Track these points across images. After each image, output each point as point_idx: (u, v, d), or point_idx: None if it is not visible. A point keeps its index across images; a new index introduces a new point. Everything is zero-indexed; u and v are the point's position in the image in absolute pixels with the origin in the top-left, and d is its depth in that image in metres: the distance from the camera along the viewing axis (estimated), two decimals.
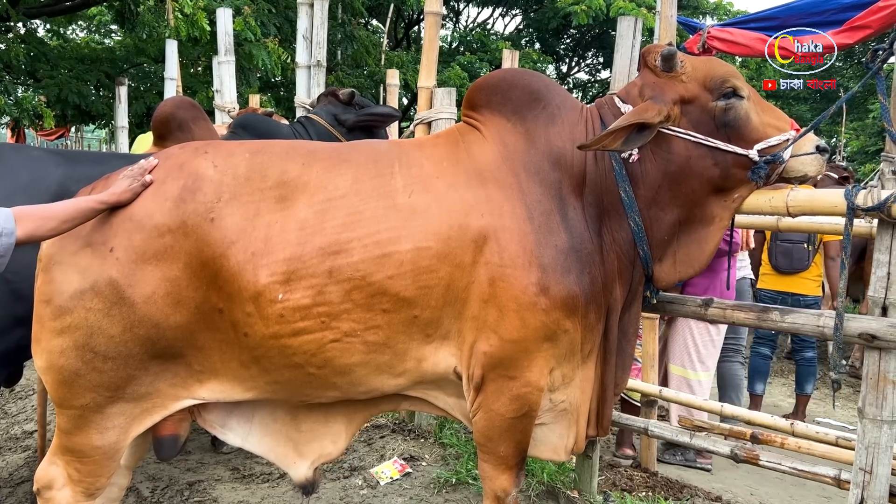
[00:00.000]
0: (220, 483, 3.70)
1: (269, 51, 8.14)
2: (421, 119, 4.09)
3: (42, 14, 9.87)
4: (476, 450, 3.85)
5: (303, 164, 2.23)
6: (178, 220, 2.11)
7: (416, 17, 17.87)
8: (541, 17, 16.29)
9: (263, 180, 2.19)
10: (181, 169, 2.20)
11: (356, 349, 2.16)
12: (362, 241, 2.12)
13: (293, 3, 9.79)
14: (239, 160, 2.23)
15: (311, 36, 5.03)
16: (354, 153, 2.33)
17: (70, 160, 3.02)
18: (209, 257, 2.10)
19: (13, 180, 2.68)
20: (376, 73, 12.71)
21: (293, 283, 2.09)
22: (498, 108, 2.38)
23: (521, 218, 2.20)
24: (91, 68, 8.88)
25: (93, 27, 15.00)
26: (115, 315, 2.09)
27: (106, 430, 2.21)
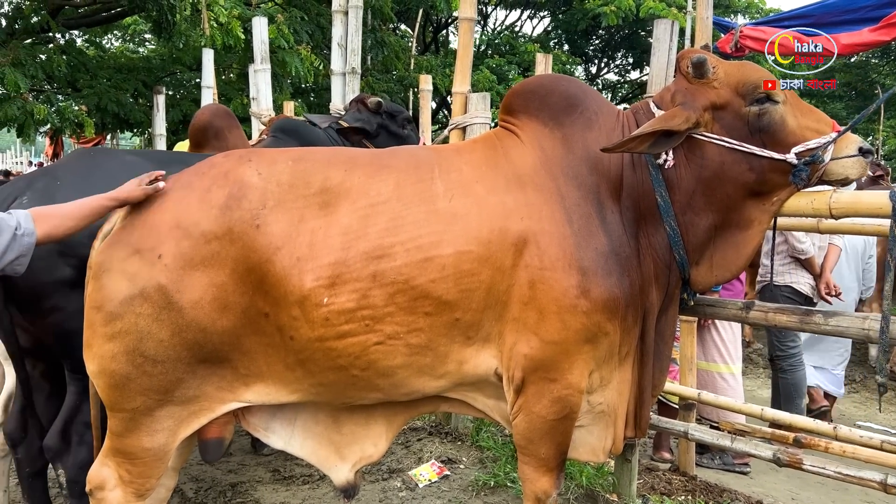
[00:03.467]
0: (261, 484, 3.76)
1: (301, 58, 8.24)
2: (456, 124, 4.12)
3: (81, 25, 10.12)
4: (514, 453, 3.88)
5: (345, 171, 2.27)
6: (225, 227, 2.16)
7: (445, 21, 17.95)
8: (569, 19, 16.24)
9: (307, 187, 2.23)
10: (226, 177, 2.24)
11: (399, 351, 2.20)
12: (405, 246, 2.16)
13: (324, 11, 9.92)
14: (282, 168, 2.27)
15: (345, 43, 5.09)
16: (395, 159, 2.37)
17: (161, 162, 3.06)
18: (255, 263, 2.15)
19: (113, 183, 2.72)
20: (405, 78, 12.80)
21: (338, 287, 2.13)
22: (535, 114, 2.40)
23: (560, 221, 2.23)
24: (128, 77, 9.08)
25: (127, 37, 15.28)
26: (164, 320, 2.14)
27: (155, 433, 2.26)
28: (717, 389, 4.05)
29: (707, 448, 4.18)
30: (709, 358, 4.21)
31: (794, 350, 4.62)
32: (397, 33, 15.28)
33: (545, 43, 17.36)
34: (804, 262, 4.58)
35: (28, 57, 6.79)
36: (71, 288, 2.58)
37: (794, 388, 4.61)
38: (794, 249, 4.55)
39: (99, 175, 2.78)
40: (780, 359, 4.66)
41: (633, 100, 18.37)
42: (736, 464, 4.21)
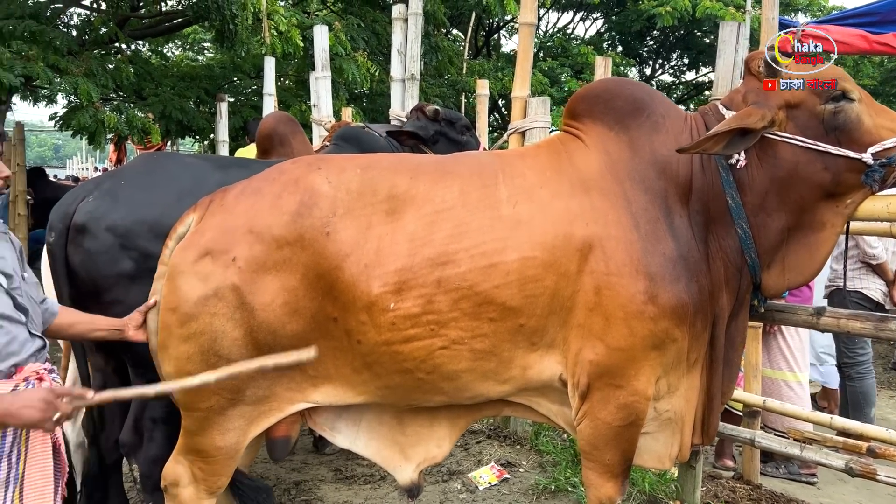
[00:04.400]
0: (323, 483, 3.84)
1: (358, 64, 8.37)
2: (515, 128, 4.14)
3: (145, 36, 10.47)
4: (574, 457, 3.87)
5: (410, 178, 2.30)
6: (296, 234, 2.20)
7: (497, 25, 17.96)
8: (623, 20, 16.06)
9: (374, 194, 2.26)
10: (297, 184, 2.28)
11: (463, 356, 2.22)
12: (469, 252, 2.18)
13: (380, 17, 10.06)
14: (351, 175, 2.30)
15: (405, 50, 5.16)
16: (458, 166, 2.39)
17: (220, 166, 3.19)
18: (325, 269, 2.19)
19: (178, 186, 2.83)
20: (458, 82, 12.85)
21: (404, 292, 2.16)
22: (600, 118, 2.39)
23: (627, 226, 2.21)
24: (191, 85, 9.36)
25: (186, 45, 15.72)
26: (237, 319, 2.20)
27: (227, 432, 2.32)
28: (782, 398, 3.96)
29: (771, 456, 4.10)
30: (774, 365, 4.12)
31: (864, 358, 4.50)
32: (449, 38, 15.35)
33: (598, 45, 17.19)
34: (876, 268, 4.46)
35: (99, 67, 7.05)
36: (131, 281, 2.69)
37: (862, 396, 4.48)
38: (865, 254, 4.43)
39: (160, 175, 2.89)
40: (848, 366, 4.54)
41: (688, 101, 18.07)
42: (802, 473, 4.12)
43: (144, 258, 2.68)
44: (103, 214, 2.69)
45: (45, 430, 1.90)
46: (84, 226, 2.69)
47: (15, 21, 6.88)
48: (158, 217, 2.71)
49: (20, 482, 1.95)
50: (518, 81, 4.17)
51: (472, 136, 4.48)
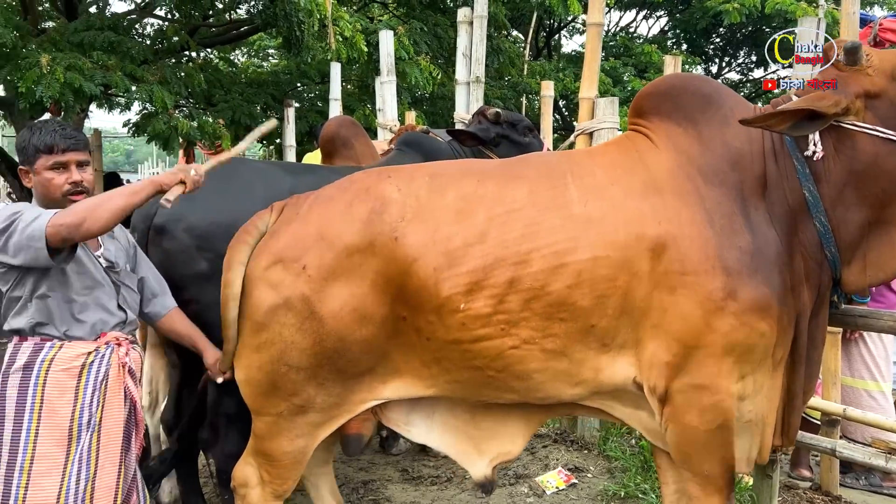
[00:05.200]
0: (390, 483, 3.88)
1: (420, 68, 8.43)
2: (582, 129, 4.10)
3: (214, 44, 10.78)
4: (645, 463, 3.81)
5: (478, 181, 2.31)
6: (367, 241, 2.23)
7: (558, 25, 17.84)
8: (688, 18, 15.75)
9: (442, 198, 2.28)
10: (368, 192, 2.32)
11: (534, 356, 2.21)
12: (540, 252, 2.16)
13: (441, 21, 10.11)
14: (420, 183, 2.33)
15: (469, 53, 5.18)
16: (526, 168, 2.39)
17: (291, 171, 3.32)
18: (394, 274, 2.21)
19: (252, 190, 2.94)
20: (519, 84, 12.83)
21: (474, 293, 2.17)
22: (668, 115, 2.35)
23: (700, 223, 2.16)
24: (258, 91, 9.59)
25: (252, 52, 16.11)
26: (306, 329, 2.23)
27: (295, 437, 2.38)
28: (862, 407, 3.81)
29: (850, 467, 3.95)
30: (855, 373, 3.97)
31: None
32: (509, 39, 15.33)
33: (662, 43, 16.90)
34: None
35: (172, 75, 7.30)
36: (206, 280, 2.78)
37: None
38: None
39: (235, 180, 3.00)
40: None
41: (756, 100, 17.55)
42: (885, 486, 3.95)
43: (219, 259, 2.77)
44: (181, 217, 2.80)
45: (187, 182, 2.32)
46: (163, 227, 2.82)
47: (95, 32, 7.18)
48: (233, 220, 2.78)
49: (98, 428, 2.32)
50: (585, 82, 4.13)
51: (534, 138, 4.45)
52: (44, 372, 2.28)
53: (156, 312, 2.66)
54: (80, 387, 2.31)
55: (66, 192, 2.33)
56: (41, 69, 6.01)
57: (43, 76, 5.99)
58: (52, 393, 2.27)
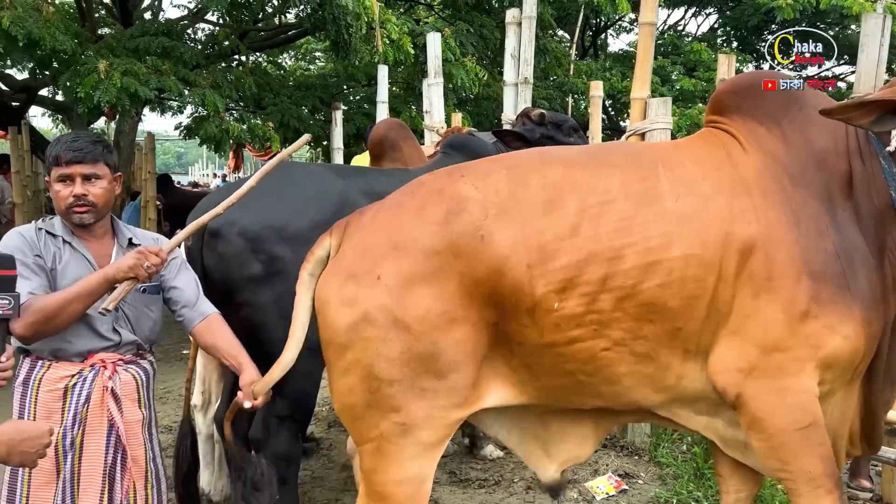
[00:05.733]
0: (438, 485, 3.88)
1: (466, 69, 8.43)
2: (634, 130, 4.05)
3: (263, 48, 10.96)
4: (697, 471, 3.74)
5: (564, 167, 2.18)
6: (446, 242, 2.09)
7: (604, 25, 17.66)
8: (739, 15, 15.44)
9: (526, 189, 2.14)
10: (441, 194, 2.18)
11: (625, 358, 2.12)
12: (634, 248, 2.06)
13: (487, 22, 10.09)
14: (497, 177, 2.19)
15: (518, 54, 5.15)
16: (614, 156, 2.28)
17: (342, 174, 3.34)
18: (483, 275, 2.07)
19: (303, 193, 2.98)
20: (565, 84, 12.73)
21: (568, 291, 2.06)
22: (750, 113, 2.27)
23: (787, 225, 2.08)
24: (307, 94, 9.72)
25: (299, 55, 16.34)
26: (391, 339, 2.08)
27: (404, 462, 2.16)
28: None
29: None
30: None
31: None
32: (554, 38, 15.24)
33: (711, 41, 16.60)
34: None
35: (223, 79, 7.44)
36: (259, 283, 2.82)
37: None
38: None
39: (287, 183, 3.02)
40: None
41: None
42: None
43: (272, 261, 2.82)
44: (235, 220, 2.83)
45: (140, 277, 2.24)
46: (217, 231, 2.84)
47: (149, 38, 7.36)
48: (285, 223, 2.85)
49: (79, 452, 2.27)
50: (637, 82, 4.08)
51: (579, 138, 4.40)
52: (34, 391, 2.30)
53: (190, 319, 2.55)
54: (64, 409, 2.28)
55: (70, 205, 2.31)
56: (99, 74, 6.18)
57: (101, 81, 6.16)
58: (42, 413, 2.27)
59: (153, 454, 2.46)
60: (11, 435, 1.70)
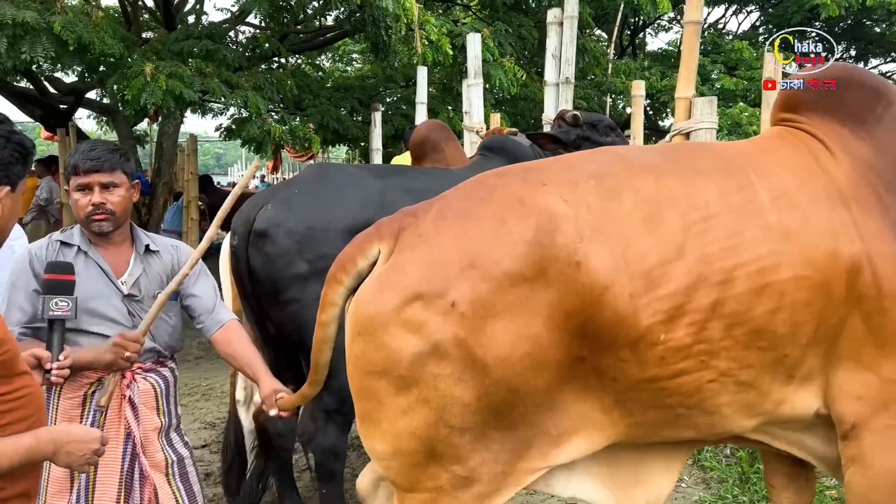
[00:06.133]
0: None
1: (505, 70, 8.43)
2: (679, 130, 4.01)
3: (303, 50, 11.09)
4: (742, 475, 3.68)
5: (655, 178, 1.93)
6: (537, 267, 1.78)
7: (642, 24, 17.48)
8: (781, 12, 15.12)
9: (620, 205, 1.87)
10: (523, 205, 1.86)
11: (728, 389, 1.91)
12: (745, 269, 1.84)
13: (525, 22, 10.07)
14: (586, 188, 1.90)
15: (559, 54, 5.13)
16: (698, 160, 2.03)
17: (380, 174, 3.41)
18: (576, 307, 1.79)
19: (343, 193, 3.05)
20: (603, 84, 12.63)
21: (675, 320, 1.82)
22: (831, 112, 2.09)
23: (889, 237, 1.90)
24: (346, 96, 9.82)
25: (336, 57, 16.49)
26: (467, 380, 1.77)
27: None
28: None
29: None
30: None
31: None
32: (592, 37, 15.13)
33: (753, 39, 16.31)
34: None
35: (265, 81, 7.55)
36: (305, 281, 2.88)
37: None
38: None
39: (327, 184, 3.11)
40: None
41: None
42: None
43: (316, 260, 2.86)
44: (280, 221, 2.91)
45: (121, 367, 2.24)
46: (263, 231, 2.91)
47: (193, 41, 7.51)
48: (327, 222, 2.92)
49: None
50: (682, 81, 4.04)
51: (617, 137, 4.35)
52: (56, 399, 2.32)
53: (208, 327, 2.56)
54: (83, 416, 2.30)
55: (88, 213, 2.33)
56: (145, 77, 6.32)
57: (147, 84, 6.30)
58: (62, 420, 2.29)
59: (176, 458, 2.47)
60: (60, 434, 1.74)
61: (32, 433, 1.67)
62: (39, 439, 1.67)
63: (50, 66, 7.24)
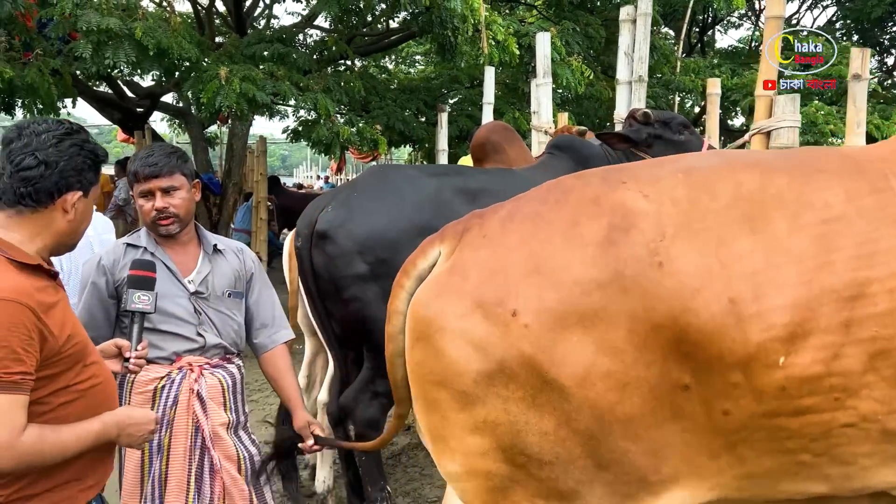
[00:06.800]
0: None
1: (572, 69, 8.34)
2: (759, 128, 3.87)
3: (369, 52, 11.21)
4: None
5: (761, 173, 1.66)
6: (611, 271, 1.56)
7: (712, 21, 17.07)
8: (860, 6, 14.53)
9: (713, 199, 1.62)
10: (597, 204, 1.66)
11: (870, 437, 1.56)
12: (884, 284, 1.52)
13: (592, 20, 9.95)
14: (671, 182, 1.67)
15: (632, 52, 5.05)
16: (820, 159, 1.76)
17: (436, 174, 3.49)
18: (664, 317, 1.53)
19: (400, 194, 3.14)
20: (671, 82, 12.37)
21: (798, 340, 1.51)
22: None
23: None
24: (411, 97, 9.89)
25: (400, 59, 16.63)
26: (542, 404, 1.56)
27: None
28: None
29: None
30: None
31: None
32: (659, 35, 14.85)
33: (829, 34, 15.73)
34: None
35: (334, 83, 7.67)
36: (365, 281, 2.98)
37: None
38: None
39: (386, 185, 3.20)
40: None
41: None
42: None
43: (376, 261, 2.98)
44: (341, 223, 3.02)
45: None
46: (325, 233, 3.03)
47: (265, 44, 7.67)
48: (386, 223, 3.01)
49: (166, 454, 2.37)
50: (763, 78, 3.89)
51: (691, 134, 4.24)
52: (127, 394, 2.41)
53: (262, 344, 2.63)
54: (153, 410, 2.35)
55: (153, 218, 2.40)
56: (220, 81, 6.48)
57: (222, 87, 6.47)
58: None
59: (248, 454, 2.52)
60: (122, 418, 1.87)
61: (99, 418, 1.80)
62: (106, 423, 1.80)
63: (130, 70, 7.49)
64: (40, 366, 1.66)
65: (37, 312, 1.64)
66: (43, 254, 1.78)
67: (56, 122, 1.80)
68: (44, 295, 1.70)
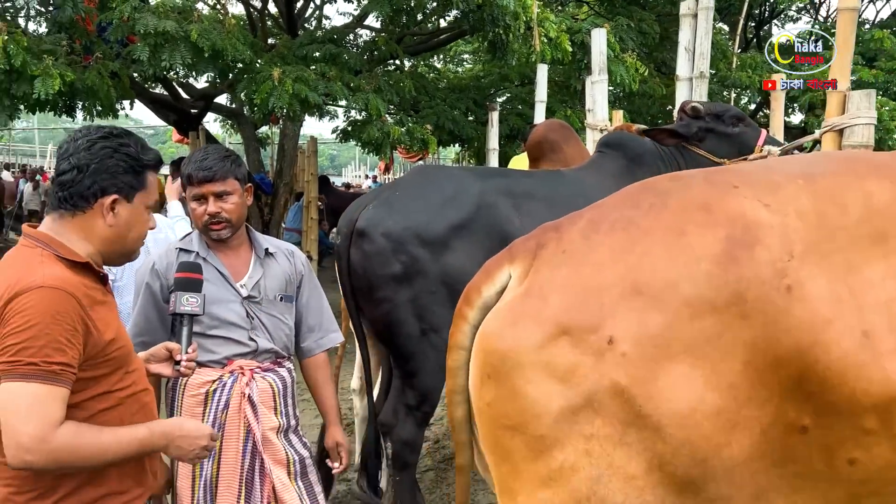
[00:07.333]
0: None
1: (626, 66, 8.19)
2: (832, 125, 3.69)
3: (418, 52, 11.20)
4: None
5: (892, 183, 1.46)
6: (729, 292, 1.35)
7: (769, 15, 16.62)
8: None
9: (844, 214, 1.41)
10: (709, 211, 1.44)
11: None
12: None
13: (646, 16, 9.76)
14: (793, 191, 1.45)
15: (693, 47, 4.90)
16: None
17: (481, 175, 3.45)
18: (789, 350, 1.33)
19: (442, 194, 3.10)
20: (727, 78, 12.08)
21: None
22: None
23: None
24: (461, 96, 9.85)
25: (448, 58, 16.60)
26: (631, 443, 1.35)
27: None
28: None
29: None
30: None
31: None
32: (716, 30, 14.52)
33: (893, 27, 15.15)
34: None
35: (385, 83, 7.67)
36: (398, 283, 2.96)
37: None
38: None
39: (428, 185, 3.18)
40: None
41: None
42: None
43: (412, 262, 2.96)
44: (379, 222, 3.00)
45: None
46: (364, 231, 3.01)
47: (317, 45, 7.71)
48: (425, 224, 2.98)
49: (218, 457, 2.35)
50: (836, 73, 3.71)
51: (746, 126, 4.05)
52: (180, 396, 2.41)
53: (307, 348, 2.62)
54: (205, 414, 2.36)
55: (205, 223, 2.39)
56: (273, 82, 6.53)
57: (275, 88, 6.51)
58: (186, 416, 2.34)
59: (298, 458, 2.49)
60: (171, 428, 1.81)
61: (146, 425, 1.74)
62: (153, 432, 1.74)
63: (185, 72, 7.61)
64: (84, 365, 1.62)
65: (82, 304, 1.61)
66: (94, 259, 1.75)
67: (97, 128, 1.78)
68: (92, 291, 1.68)
